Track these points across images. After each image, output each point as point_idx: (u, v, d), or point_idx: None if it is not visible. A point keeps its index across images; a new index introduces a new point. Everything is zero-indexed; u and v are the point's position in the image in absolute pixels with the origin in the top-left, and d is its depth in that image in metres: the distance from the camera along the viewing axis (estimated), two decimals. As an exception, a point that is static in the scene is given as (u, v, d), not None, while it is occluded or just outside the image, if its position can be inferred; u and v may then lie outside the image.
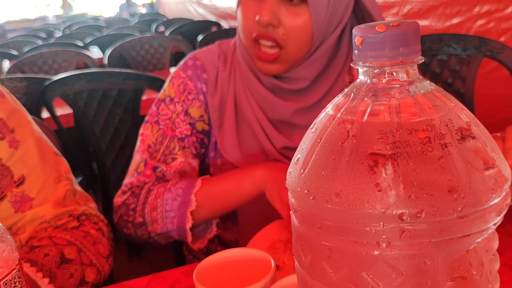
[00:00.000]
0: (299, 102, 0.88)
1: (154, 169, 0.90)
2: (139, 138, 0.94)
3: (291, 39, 0.80)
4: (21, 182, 0.75)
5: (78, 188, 0.83)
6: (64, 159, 0.84)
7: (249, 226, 0.90)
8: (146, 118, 0.95)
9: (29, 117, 0.82)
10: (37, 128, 0.82)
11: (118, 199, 0.92)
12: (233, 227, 0.99)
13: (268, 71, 0.85)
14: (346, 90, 0.35)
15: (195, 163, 0.95)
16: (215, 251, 1.02)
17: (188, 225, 0.85)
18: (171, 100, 0.93)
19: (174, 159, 0.91)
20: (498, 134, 0.64)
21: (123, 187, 0.92)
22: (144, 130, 0.94)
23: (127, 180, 0.92)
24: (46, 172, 0.78)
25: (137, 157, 0.93)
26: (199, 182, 0.86)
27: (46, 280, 0.64)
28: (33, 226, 0.74)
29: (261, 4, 0.80)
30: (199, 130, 0.94)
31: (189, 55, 0.97)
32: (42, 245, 0.70)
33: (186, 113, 0.92)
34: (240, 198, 0.85)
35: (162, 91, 0.96)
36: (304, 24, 0.80)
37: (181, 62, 0.97)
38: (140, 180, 0.90)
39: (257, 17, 0.80)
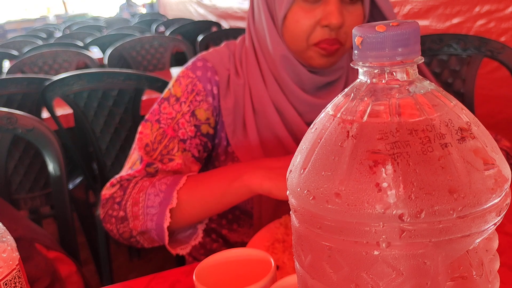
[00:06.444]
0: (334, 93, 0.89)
1: (148, 165, 0.86)
2: (137, 136, 0.90)
3: (350, 37, 0.81)
4: None
5: None
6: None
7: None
8: (146, 117, 0.91)
9: None
10: None
11: (106, 191, 0.86)
12: (239, 229, 0.97)
13: (324, 64, 0.85)
14: (346, 90, 0.35)
15: (195, 167, 0.91)
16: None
17: (166, 224, 0.78)
18: (177, 99, 0.90)
19: (171, 160, 0.87)
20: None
21: (112, 180, 0.87)
22: (143, 129, 0.90)
23: (119, 174, 0.88)
24: None
25: (135, 155, 0.89)
26: (184, 178, 0.81)
27: None
28: None
29: (324, 8, 0.79)
30: (203, 133, 0.91)
31: (198, 56, 0.94)
32: None
33: (193, 114, 0.89)
34: (227, 201, 0.79)
35: (166, 90, 0.92)
36: (360, 21, 0.83)
37: (189, 63, 0.93)
38: (131, 174, 0.86)
39: (325, 21, 0.79)
